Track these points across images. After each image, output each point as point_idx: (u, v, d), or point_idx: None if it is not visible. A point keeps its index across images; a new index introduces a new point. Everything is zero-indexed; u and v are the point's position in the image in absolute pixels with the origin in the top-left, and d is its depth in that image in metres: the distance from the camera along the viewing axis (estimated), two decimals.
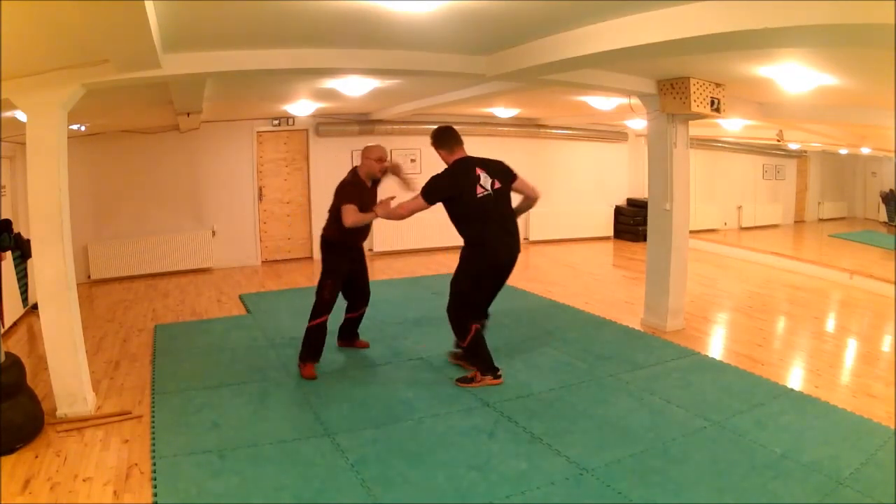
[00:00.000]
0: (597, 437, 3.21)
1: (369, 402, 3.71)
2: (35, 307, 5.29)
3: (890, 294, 6.19)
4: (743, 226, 11.69)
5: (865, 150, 10.66)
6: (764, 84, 4.53)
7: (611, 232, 10.82)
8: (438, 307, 4.66)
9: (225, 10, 2.68)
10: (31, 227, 3.42)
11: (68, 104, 3.39)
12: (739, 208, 11.75)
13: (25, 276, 5.80)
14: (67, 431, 3.34)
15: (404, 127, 8.97)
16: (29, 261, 5.42)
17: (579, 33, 3.11)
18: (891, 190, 11.31)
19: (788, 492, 2.66)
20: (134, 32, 2.40)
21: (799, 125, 7.47)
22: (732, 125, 7.84)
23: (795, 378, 4.09)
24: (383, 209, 3.87)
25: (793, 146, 11.29)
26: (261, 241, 8.78)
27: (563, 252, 9.40)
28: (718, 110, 4.68)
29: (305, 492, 2.73)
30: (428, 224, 8.36)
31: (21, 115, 3.67)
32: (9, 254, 5.37)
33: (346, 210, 3.90)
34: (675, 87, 4.60)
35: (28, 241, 4.57)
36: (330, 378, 4.12)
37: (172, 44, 3.12)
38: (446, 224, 3.89)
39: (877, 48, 2.73)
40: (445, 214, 3.87)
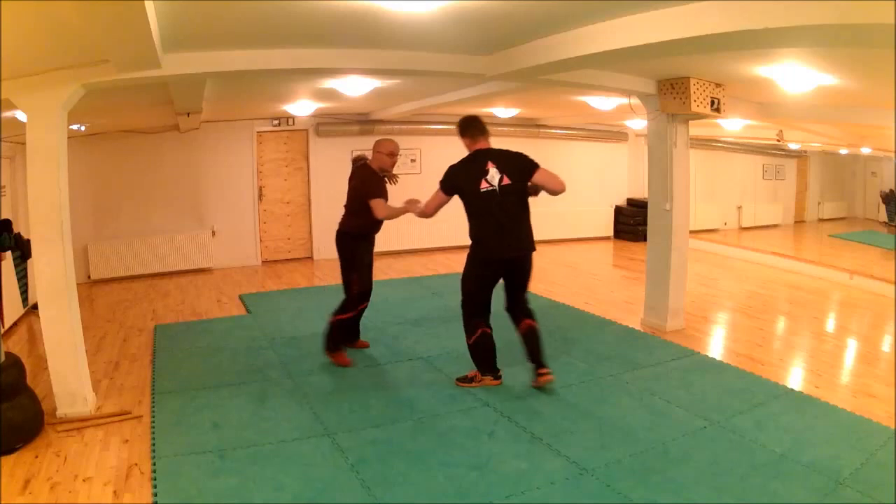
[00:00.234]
0: (597, 437, 3.21)
1: (369, 402, 3.71)
2: (35, 307, 5.29)
3: (890, 294, 6.20)
4: (743, 226, 11.68)
5: (865, 150, 10.66)
6: (764, 84, 4.53)
7: (611, 232, 10.82)
8: (438, 307, 4.68)
9: (225, 10, 2.68)
10: (31, 227, 3.42)
11: (68, 104, 3.39)
12: (739, 208, 11.75)
13: (25, 276, 5.80)
14: (67, 431, 3.34)
15: (404, 127, 8.97)
16: (29, 261, 5.42)
17: (579, 33, 3.11)
18: (891, 190, 11.30)
19: (788, 492, 2.66)
20: (134, 32, 2.40)
21: (799, 125, 7.47)
22: (732, 125, 7.83)
23: (795, 378, 4.09)
24: (415, 207, 3.90)
25: (793, 146, 11.28)
26: (261, 241, 8.78)
27: (564, 252, 9.40)
28: (718, 110, 4.68)
29: (305, 492, 2.73)
30: (428, 224, 8.35)
31: (21, 115, 3.67)
32: (9, 254, 5.37)
33: (377, 204, 4.04)
34: (675, 87, 4.60)
35: (28, 241, 4.57)
36: (330, 378, 4.12)
37: (172, 44, 3.11)
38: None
39: (877, 48, 2.73)
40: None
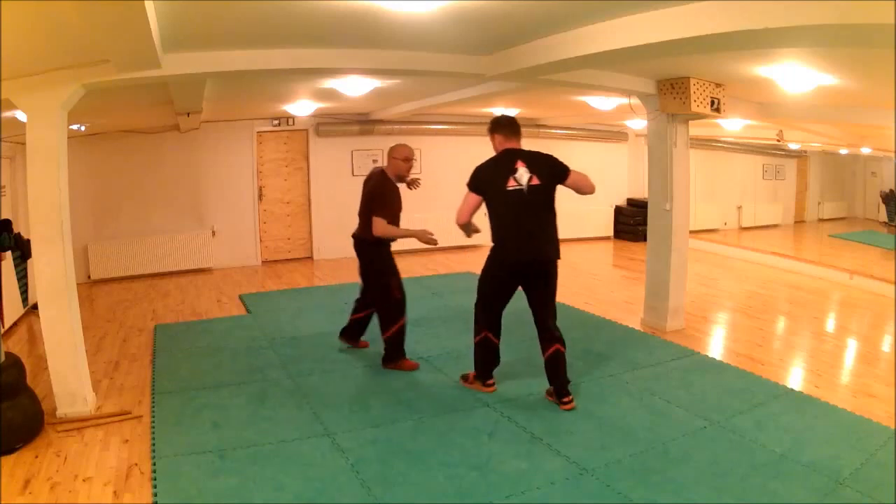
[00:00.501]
0: (597, 437, 3.21)
1: (369, 402, 3.71)
2: (35, 307, 5.29)
3: (890, 294, 6.19)
4: (743, 226, 11.68)
5: (865, 150, 10.66)
6: (764, 84, 4.53)
7: (611, 232, 10.82)
8: (438, 307, 4.68)
9: (225, 10, 2.68)
10: (31, 227, 3.42)
11: (68, 104, 3.39)
12: (739, 208, 11.75)
13: (25, 276, 5.80)
14: (67, 431, 3.34)
15: (404, 127, 8.97)
16: (29, 261, 5.41)
17: (579, 33, 3.11)
18: (891, 190, 11.30)
19: (788, 492, 2.66)
20: (134, 32, 2.40)
21: (799, 125, 7.47)
22: (732, 125, 7.83)
23: (795, 378, 4.09)
24: (427, 238, 3.99)
25: (793, 146, 11.29)
26: (261, 241, 8.78)
27: (563, 252, 9.34)
28: (718, 110, 4.68)
29: (305, 492, 2.73)
30: (428, 224, 8.35)
31: (21, 115, 3.67)
32: (9, 254, 5.37)
33: (377, 223, 4.00)
34: (675, 87, 4.60)
35: (28, 241, 4.57)
36: (330, 378, 4.12)
37: (172, 44, 3.11)
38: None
39: (877, 48, 2.73)
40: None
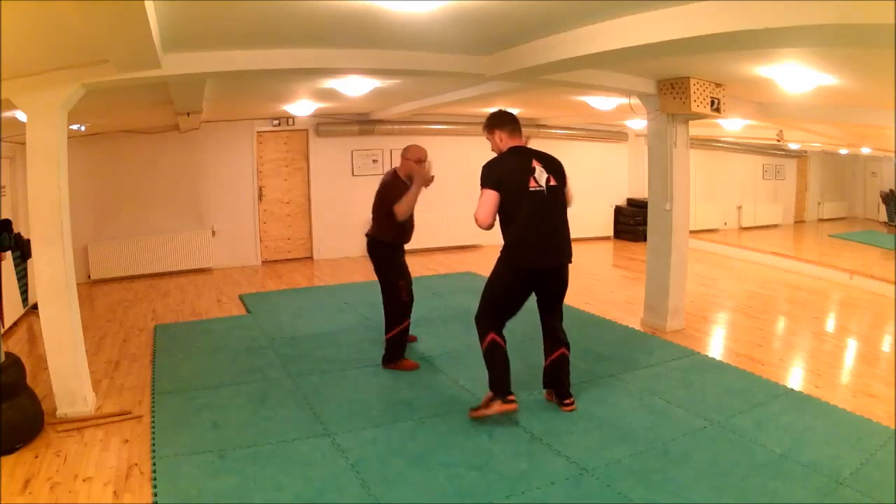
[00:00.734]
0: (597, 437, 3.21)
1: (369, 402, 3.71)
2: (35, 307, 5.29)
3: (890, 294, 6.19)
4: (743, 226, 11.68)
5: (865, 150, 10.66)
6: (764, 84, 4.53)
7: (611, 232, 10.81)
8: (438, 307, 4.68)
9: (225, 10, 2.68)
10: (31, 227, 3.42)
11: (68, 104, 3.39)
12: (739, 208, 11.75)
13: (25, 276, 5.80)
14: (67, 431, 3.34)
15: (404, 127, 8.97)
16: (29, 261, 5.42)
17: (579, 33, 3.11)
18: (891, 190, 11.30)
19: (788, 492, 2.66)
20: (134, 32, 2.40)
21: (799, 125, 7.47)
22: (732, 125, 7.83)
23: (795, 378, 4.09)
24: (423, 180, 3.98)
25: (793, 146, 11.29)
26: (261, 241, 8.77)
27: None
28: (718, 110, 4.68)
29: (305, 492, 2.73)
30: (427, 224, 8.35)
31: (21, 115, 3.67)
32: (9, 254, 5.37)
33: (397, 208, 4.04)
34: (675, 87, 4.60)
35: (28, 241, 4.57)
36: (330, 378, 4.12)
37: (172, 44, 3.11)
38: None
39: (877, 48, 2.73)
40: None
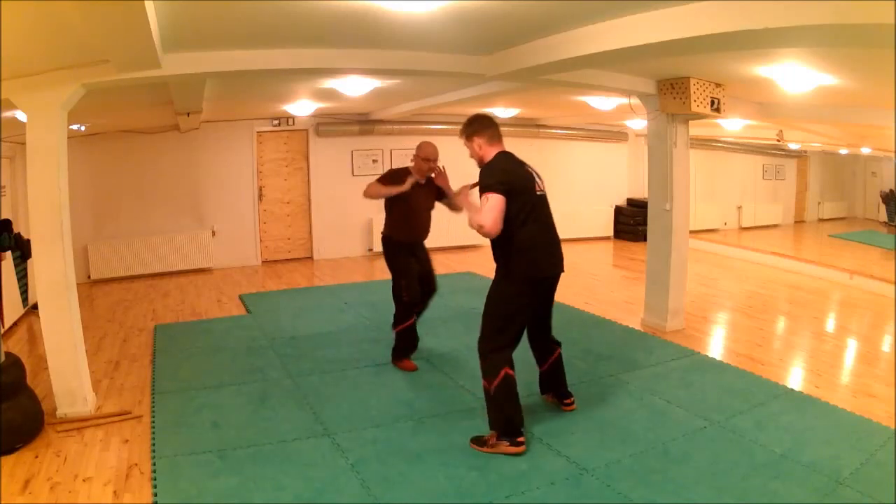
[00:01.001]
0: (597, 437, 3.21)
1: (369, 402, 3.71)
2: (35, 307, 5.29)
3: (890, 294, 6.19)
4: (743, 226, 11.69)
5: (865, 150, 10.67)
6: (764, 84, 4.53)
7: (611, 232, 10.82)
8: (438, 307, 4.68)
9: (225, 10, 2.68)
10: (31, 227, 3.42)
11: (68, 104, 3.39)
12: (739, 208, 11.75)
13: (25, 276, 5.80)
14: (67, 431, 3.34)
15: (404, 127, 8.97)
16: (29, 261, 5.42)
17: (579, 33, 3.11)
18: (891, 190, 11.31)
19: (788, 492, 2.66)
20: (134, 32, 2.40)
21: (799, 125, 7.47)
22: (732, 125, 7.83)
23: (795, 378, 4.08)
24: (415, 175, 4.01)
25: (793, 146, 11.29)
26: (261, 241, 8.78)
27: (564, 252, 9.38)
28: (718, 110, 4.68)
29: (305, 492, 2.73)
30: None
31: (21, 115, 3.67)
32: (9, 254, 5.37)
33: (369, 185, 4.08)
34: (675, 87, 4.60)
35: (28, 241, 4.57)
36: (330, 378, 4.12)
37: (172, 44, 3.12)
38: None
39: (877, 48, 2.73)
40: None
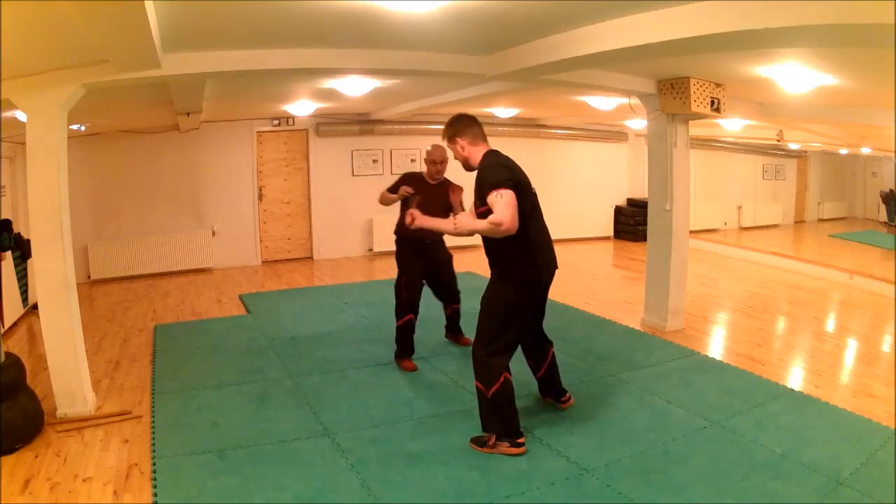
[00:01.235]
0: (597, 437, 3.21)
1: (369, 402, 3.71)
2: (35, 307, 5.29)
3: (890, 294, 6.19)
4: (743, 226, 11.69)
5: (865, 150, 10.66)
6: (764, 84, 4.53)
7: (611, 232, 10.82)
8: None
9: (225, 10, 2.68)
10: (31, 227, 3.42)
11: (68, 104, 3.39)
12: (739, 208, 11.76)
13: (25, 276, 5.80)
14: (67, 431, 3.34)
15: (404, 127, 8.98)
16: (29, 261, 5.41)
17: (579, 33, 3.11)
18: (891, 190, 11.31)
19: (788, 492, 2.66)
20: (134, 32, 2.40)
21: (799, 125, 7.47)
22: (732, 125, 7.83)
23: (795, 378, 4.08)
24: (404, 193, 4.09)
25: (793, 146, 11.29)
26: (261, 241, 8.78)
27: (563, 252, 9.30)
28: (718, 110, 4.68)
29: (305, 492, 2.73)
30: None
31: (21, 115, 3.67)
32: (9, 254, 5.37)
33: (381, 193, 4.25)
34: (675, 87, 4.60)
35: (28, 241, 4.56)
36: (330, 378, 4.12)
37: (172, 44, 3.12)
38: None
39: (877, 48, 2.73)
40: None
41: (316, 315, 5.75)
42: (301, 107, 7.09)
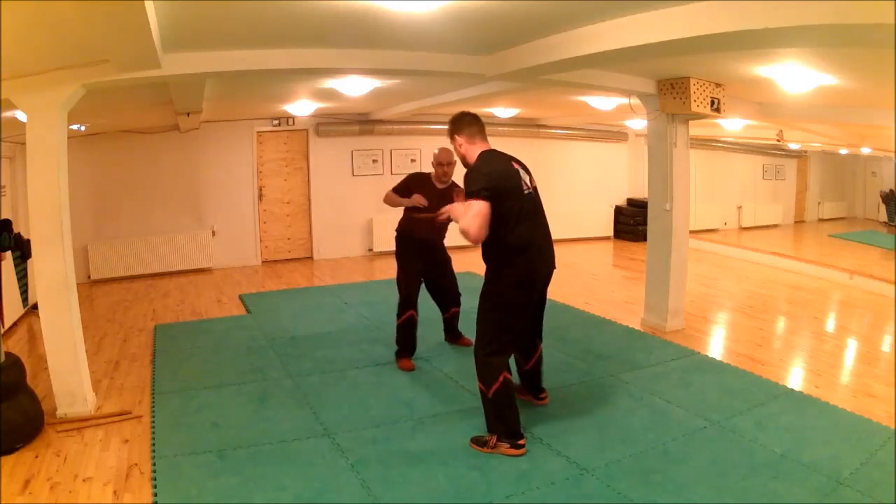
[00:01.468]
0: (597, 437, 3.21)
1: (369, 402, 3.71)
2: (35, 307, 5.29)
3: (890, 294, 6.19)
4: (743, 226, 11.69)
5: (865, 150, 10.66)
6: (764, 84, 4.53)
7: (611, 232, 10.82)
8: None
9: (225, 10, 2.68)
10: (31, 227, 3.42)
11: (68, 104, 3.39)
12: (739, 208, 11.76)
13: (25, 276, 5.80)
14: (67, 431, 3.34)
15: (404, 127, 8.98)
16: (29, 261, 5.42)
17: (579, 33, 3.11)
18: (891, 190, 11.31)
19: (788, 492, 2.66)
20: (134, 32, 2.40)
21: (799, 125, 7.47)
22: (732, 125, 7.83)
23: (795, 378, 4.08)
24: (415, 201, 4.08)
25: (793, 146, 11.29)
26: (261, 241, 8.78)
27: (563, 252, 9.32)
28: (718, 110, 4.68)
29: (305, 492, 2.73)
30: None
31: (21, 115, 3.67)
32: (9, 254, 5.37)
33: (387, 193, 4.29)
34: (675, 87, 4.60)
35: (28, 241, 4.57)
36: (330, 378, 4.12)
37: (172, 44, 3.12)
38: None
39: (877, 48, 2.73)
40: None
41: (316, 315, 5.76)
42: (301, 107, 7.09)
